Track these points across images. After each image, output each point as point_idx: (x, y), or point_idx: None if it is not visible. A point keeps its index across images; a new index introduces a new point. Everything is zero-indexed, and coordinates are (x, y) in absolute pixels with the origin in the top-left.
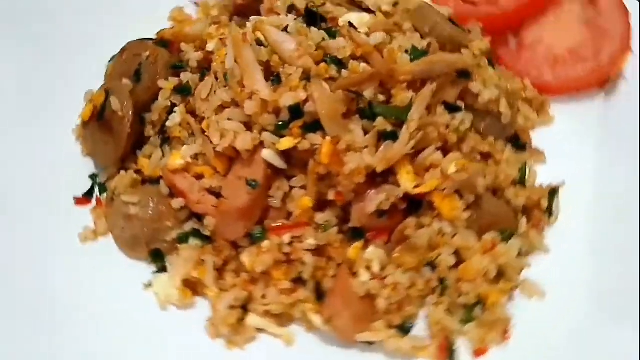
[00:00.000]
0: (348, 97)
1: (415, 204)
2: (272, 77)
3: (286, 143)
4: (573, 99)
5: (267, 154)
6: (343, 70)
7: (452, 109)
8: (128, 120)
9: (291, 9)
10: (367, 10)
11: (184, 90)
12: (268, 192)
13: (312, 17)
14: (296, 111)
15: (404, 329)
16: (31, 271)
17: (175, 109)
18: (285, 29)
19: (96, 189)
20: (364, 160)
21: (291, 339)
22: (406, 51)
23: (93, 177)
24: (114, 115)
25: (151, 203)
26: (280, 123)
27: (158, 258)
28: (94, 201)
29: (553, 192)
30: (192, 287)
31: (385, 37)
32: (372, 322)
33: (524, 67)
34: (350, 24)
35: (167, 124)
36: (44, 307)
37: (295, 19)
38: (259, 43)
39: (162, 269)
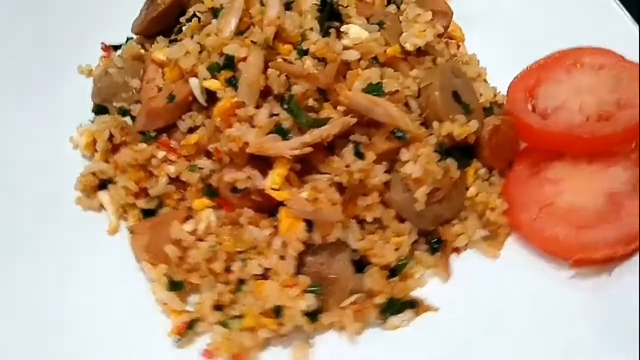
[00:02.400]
0: (282, 82)
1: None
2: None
3: (209, 83)
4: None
5: (192, 82)
6: (308, 60)
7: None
8: (160, 9)
9: None
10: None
11: (216, 13)
12: (181, 115)
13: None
14: (229, 62)
15: (172, 285)
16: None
17: (193, 20)
18: (289, 3)
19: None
20: (245, 135)
21: (116, 229)
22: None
23: (129, 39)
24: (156, 1)
25: (126, 74)
26: (215, 65)
27: (99, 112)
28: None
29: (405, 305)
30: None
31: (360, 60)
32: (161, 263)
33: (516, 193)
34: (337, 30)
35: (183, 28)
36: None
37: (313, 4)
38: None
39: None
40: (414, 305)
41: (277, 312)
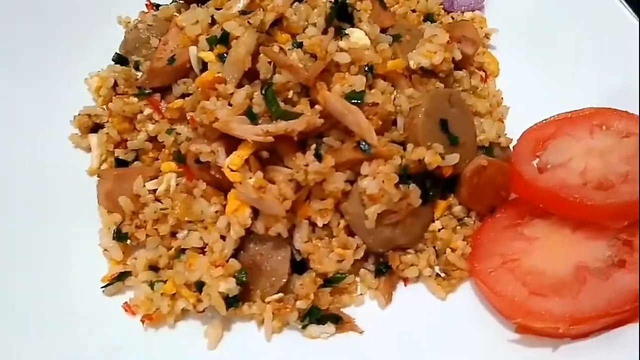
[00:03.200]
0: (269, 69)
1: None
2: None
3: (203, 54)
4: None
5: (191, 50)
6: (295, 52)
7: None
8: None
9: None
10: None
11: None
12: (177, 80)
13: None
14: (224, 38)
15: (118, 235)
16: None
17: None
18: None
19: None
20: (218, 110)
21: (94, 171)
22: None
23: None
24: None
25: (152, 32)
26: (213, 38)
27: (118, 62)
28: None
29: (327, 317)
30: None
31: (352, 65)
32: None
33: (485, 239)
34: (337, 31)
35: None
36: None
37: (328, 1)
38: None
39: None
40: (337, 321)
41: (199, 287)
